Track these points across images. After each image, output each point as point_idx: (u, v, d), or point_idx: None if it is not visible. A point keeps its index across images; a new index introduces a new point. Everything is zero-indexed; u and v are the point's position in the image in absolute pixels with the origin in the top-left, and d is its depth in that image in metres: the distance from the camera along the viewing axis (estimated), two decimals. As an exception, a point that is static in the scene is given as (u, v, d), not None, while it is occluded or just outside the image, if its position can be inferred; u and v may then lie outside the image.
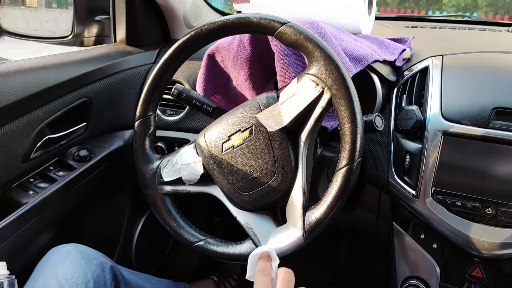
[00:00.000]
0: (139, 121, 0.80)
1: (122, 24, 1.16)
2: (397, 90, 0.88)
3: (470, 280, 0.82)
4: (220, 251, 0.75)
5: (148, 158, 0.81)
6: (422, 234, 0.85)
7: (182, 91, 0.86)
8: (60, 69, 0.95)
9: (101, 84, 1.03)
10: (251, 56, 0.85)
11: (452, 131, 0.77)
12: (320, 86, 0.65)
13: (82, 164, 0.99)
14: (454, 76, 0.84)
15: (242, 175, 0.71)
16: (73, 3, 1.21)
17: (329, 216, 0.65)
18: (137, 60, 1.12)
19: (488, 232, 0.75)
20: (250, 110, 0.71)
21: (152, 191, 0.80)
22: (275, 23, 0.67)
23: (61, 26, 1.28)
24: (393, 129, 0.85)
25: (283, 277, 0.55)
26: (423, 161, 0.79)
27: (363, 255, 1.39)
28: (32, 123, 0.87)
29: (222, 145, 0.73)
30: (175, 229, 0.79)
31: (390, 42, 0.96)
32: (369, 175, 0.88)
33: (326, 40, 0.81)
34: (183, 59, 0.77)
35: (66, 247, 0.80)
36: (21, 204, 0.86)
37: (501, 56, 0.92)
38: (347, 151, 0.64)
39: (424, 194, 0.79)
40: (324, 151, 0.80)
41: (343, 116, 0.64)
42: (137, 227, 1.27)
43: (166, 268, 1.40)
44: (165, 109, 1.08)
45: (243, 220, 0.73)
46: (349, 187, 0.65)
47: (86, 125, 1.02)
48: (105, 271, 0.79)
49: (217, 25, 0.71)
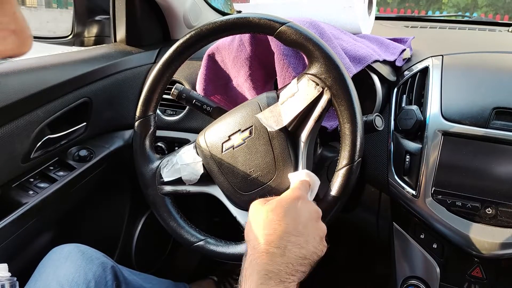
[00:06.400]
0: (139, 121, 0.80)
1: (122, 24, 1.16)
2: (397, 90, 0.88)
3: (470, 280, 0.82)
4: (220, 251, 0.75)
5: (148, 158, 0.81)
6: (422, 234, 0.85)
7: (182, 91, 0.86)
8: (60, 69, 0.95)
9: (101, 84, 1.03)
10: (251, 56, 0.85)
11: (452, 131, 0.77)
12: (320, 86, 0.65)
13: (82, 164, 0.99)
14: (454, 76, 0.84)
15: (242, 175, 0.71)
16: (73, 3, 1.21)
17: (329, 216, 0.65)
18: (137, 60, 1.12)
19: (488, 232, 0.75)
20: (250, 110, 0.71)
21: (152, 191, 0.80)
22: (275, 23, 0.67)
23: (61, 26, 1.28)
24: (393, 129, 0.85)
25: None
26: (423, 161, 0.79)
27: (363, 255, 1.39)
28: (32, 123, 0.87)
29: (222, 145, 0.73)
30: (175, 229, 0.79)
31: (390, 42, 0.96)
32: (369, 175, 0.88)
33: (326, 40, 0.81)
34: (183, 59, 0.77)
35: (67, 247, 0.80)
36: (21, 204, 0.86)
37: (501, 56, 0.92)
38: (347, 151, 0.64)
39: (424, 194, 0.79)
40: (324, 151, 0.80)
41: (343, 116, 0.64)
42: (137, 227, 1.27)
43: (166, 268, 1.39)
44: (165, 109, 1.08)
45: (243, 220, 0.73)
46: (349, 187, 0.65)
47: (86, 125, 1.02)
48: (106, 271, 0.79)
49: (217, 25, 0.71)
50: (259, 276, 0.52)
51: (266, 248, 0.53)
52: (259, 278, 0.51)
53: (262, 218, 0.56)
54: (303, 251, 0.54)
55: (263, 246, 0.53)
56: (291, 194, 0.59)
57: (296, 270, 0.53)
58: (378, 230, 1.05)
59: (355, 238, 1.36)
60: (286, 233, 0.54)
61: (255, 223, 0.57)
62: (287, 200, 0.58)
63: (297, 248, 0.54)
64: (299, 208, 0.57)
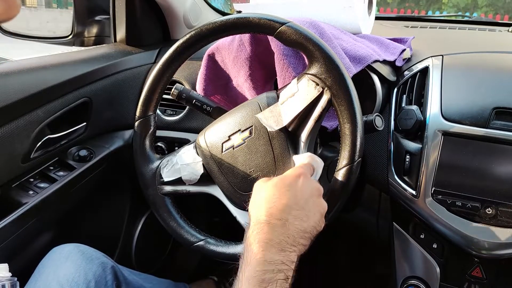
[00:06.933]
0: (139, 121, 0.80)
1: (122, 24, 1.16)
2: (397, 90, 0.88)
3: (470, 280, 0.82)
4: (220, 251, 0.75)
5: (148, 158, 0.81)
6: (422, 234, 0.85)
7: (182, 91, 0.86)
8: (60, 69, 0.95)
9: (101, 84, 1.03)
10: (251, 56, 0.85)
11: (452, 131, 0.77)
12: (320, 86, 0.65)
13: (82, 164, 0.99)
14: (454, 76, 0.84)
15: (242, 175, 0.71)
16: (73, 3, 1.21)
17: (329, 216, 0.65)
18: (137, 60, 1.12)
19: (488, 232, 0.75)
20: (250, 110, 0.71)
21: (152, 191, 0.80)
22: (275, 23, 0.67)
23: (61, 26, 1.28)
24: (393, 129, 0.85)
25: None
26: (423, 161, 0.79)
27: (363, 255, 1.39)
28: (32, 123, 0.87)
29: (222, 145, 0.73)
30: (175, 229, 0.79)
31: (390, 42, 0.96)
32: (369, 175, 0.88)
33: (326, 40, 0.81)
34: (183, 59, 0.77)
35: (67, 247, 0.80)
36: (21, 204, 0.86)
37: (501, 56, 0.92)
38: (347, 151, 0.64)
39: (424, 194, 0.79)
40: (324, 151, 0.80)
41: (343, 116, 0.64)
42: (137, 227, 1.27)
43: (166, 268, 1.39)
44: (165, 109, 1.08)
45: (243, 220, 0.73)
46: (349, 187, 0.65)
47: (86, 125, 1.02)
48: (106, 271, 0.79)
49: (217, 25, 0.71)
50: (261, 244, 0.53)
51: (267, 220, 0.55)
52: (260, 245, 0.53)
53: (265, 193, 0.58)
54: (304, 225, 0.56)
55: (265, 218, 0.55)
56: (293, 172, 0.61)
57: (297, 242, 0.55)
58: (378, 230, 1.05)
59: (355, 238, 1.36)
60: (287, 207, 0.56)
61: (258, 198, 0.59)
62: (289, 177, 0.60)
63: (298, 221, 0.56)
64: (301, 184, 0.59)
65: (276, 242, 0.53)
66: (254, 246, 0.53)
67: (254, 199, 0.60)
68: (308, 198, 0.58)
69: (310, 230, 0.57)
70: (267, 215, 0.55)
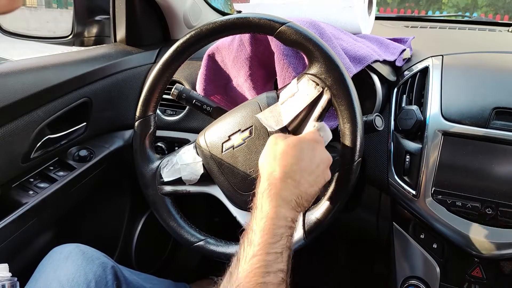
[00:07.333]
0: (139, 121, 0.80)
1: (122, 24, 1.16)
2: (397, 90, 0.88)
3: (470, 280, 0.82)
4: (220, 251, 0.75)
5: (148, 158, 0.81)
6: (422, 234, 0.85)
7: (182, 91, 0.86)
8: (60, 69, 0.95)
9: (101, 84, 1.03)
10: (251, 56, 0.85)
11: (452, 131, 0.77)
12: (320, 86, 0.65)
13: (82, 164, 0.99)
14: (454, 76, 0.84)
15: (242, 175, 0.71)
16: (73, 3, 1.21)
17: (329, 216, 0.65)
18: (137, 60, 1.12)
19: (488, 232, 0.75)
20: (250, 110, 0.71)
21: (152, 191, 0.80)
22: (275, 23, 0.67)
23: (61, 26, 1.28)
24: (393, 129, 0.85)
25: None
26: (423, 161, 0.79)
27: (363, 255, 1.39)
28: (32, 123, 0.87)
29: (222, 145, 0.73)
30: (175, 229, 0.79)
31: (390, 42, 0.96)
32: (369, 175, 0.88)
33: (326, 40, 0.81)
34: (183, 59, 0.77)
35: (67, 247, 0.80)
36: (21, 204, 0.86)
37: (501, 56, 0.92)
38: (347, 151, 0.64)
39: (424, 194, 0.79)
40: (324, 151, 0.79)
41: (343, 116, 0.64)
42: (137, 227, 1.27)
43: (166, 268, 1.39)
44: (165, 109, 1.08)
45: (243, 220, 0.73)
46: (349, 187, 0.65)
47: (86, 125, 1.02)
48: (107, 271, 0.79)
49: (217, 25, 0.71)
50: (275, 199, 0.56)
51: (282, 177, 0.57)
52: (275, 201, 0.55)
53: (282, 150, 0.59)
54: (311, 189, 0.59)
55: (280, 174, 0.57)
56: (312, 136, 0.63)
57: (302, 204, 0.58)
58: (378, 230, 1.05)
59: (355, 238, 1.36)
60: (301, 170, 0.58)
61: (274, 153, 0.60)
62: (308, 140, 0.62)
63: (307, 184, 0.59)
64: (317, 150, 0.61)
65: (288, 201, 0.56)
66: (266, 199, 0.56)
67: (268, 153, 0.61)
68: (319, 164, 0.60)
69: (314, 195, 0.60)
70: (281, 173, 0.57)
